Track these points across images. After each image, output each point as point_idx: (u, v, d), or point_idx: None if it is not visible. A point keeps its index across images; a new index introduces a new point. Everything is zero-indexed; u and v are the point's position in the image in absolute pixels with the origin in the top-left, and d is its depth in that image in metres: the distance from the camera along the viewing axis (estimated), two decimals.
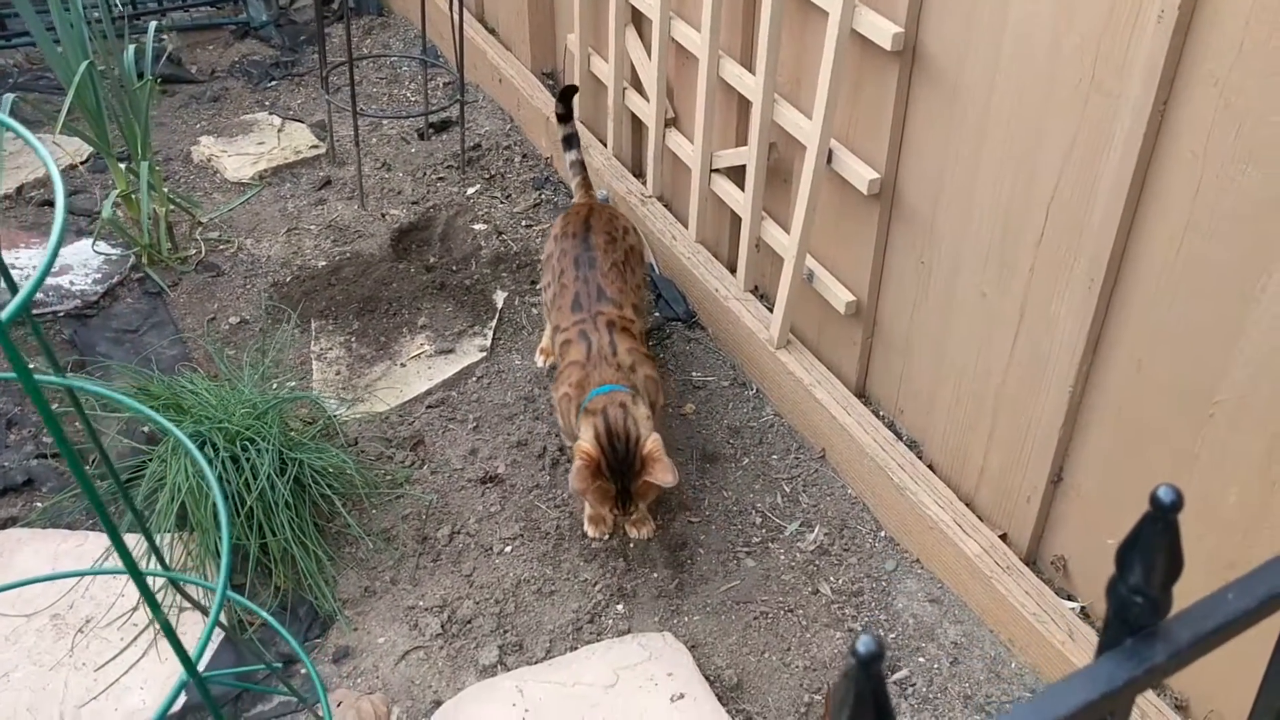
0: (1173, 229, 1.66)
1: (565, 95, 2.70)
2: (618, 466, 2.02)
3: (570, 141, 2.68)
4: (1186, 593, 0.59)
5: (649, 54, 2.77)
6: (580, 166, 2.66)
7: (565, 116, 2.69)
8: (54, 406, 2.46)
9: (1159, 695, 1.88)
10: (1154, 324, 1.74)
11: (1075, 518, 2.03)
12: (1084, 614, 2.04)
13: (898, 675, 2.03)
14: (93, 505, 0.75)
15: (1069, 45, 1.69)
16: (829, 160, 2.22)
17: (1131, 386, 1.81)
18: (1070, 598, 2.07)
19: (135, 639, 2.04)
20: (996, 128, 1.88)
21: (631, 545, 2.26)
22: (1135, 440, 1.84)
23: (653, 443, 2.03)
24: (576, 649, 2.07)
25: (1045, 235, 1.85)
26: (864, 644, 0.47)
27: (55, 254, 0.69)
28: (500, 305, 2.83)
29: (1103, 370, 1.86)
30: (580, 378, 2.15)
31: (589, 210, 2.47)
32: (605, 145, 3.10)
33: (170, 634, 0.87)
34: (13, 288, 0.89)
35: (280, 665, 2.04)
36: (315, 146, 3.39)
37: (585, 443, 2.04)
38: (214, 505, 2.09)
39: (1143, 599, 0.55)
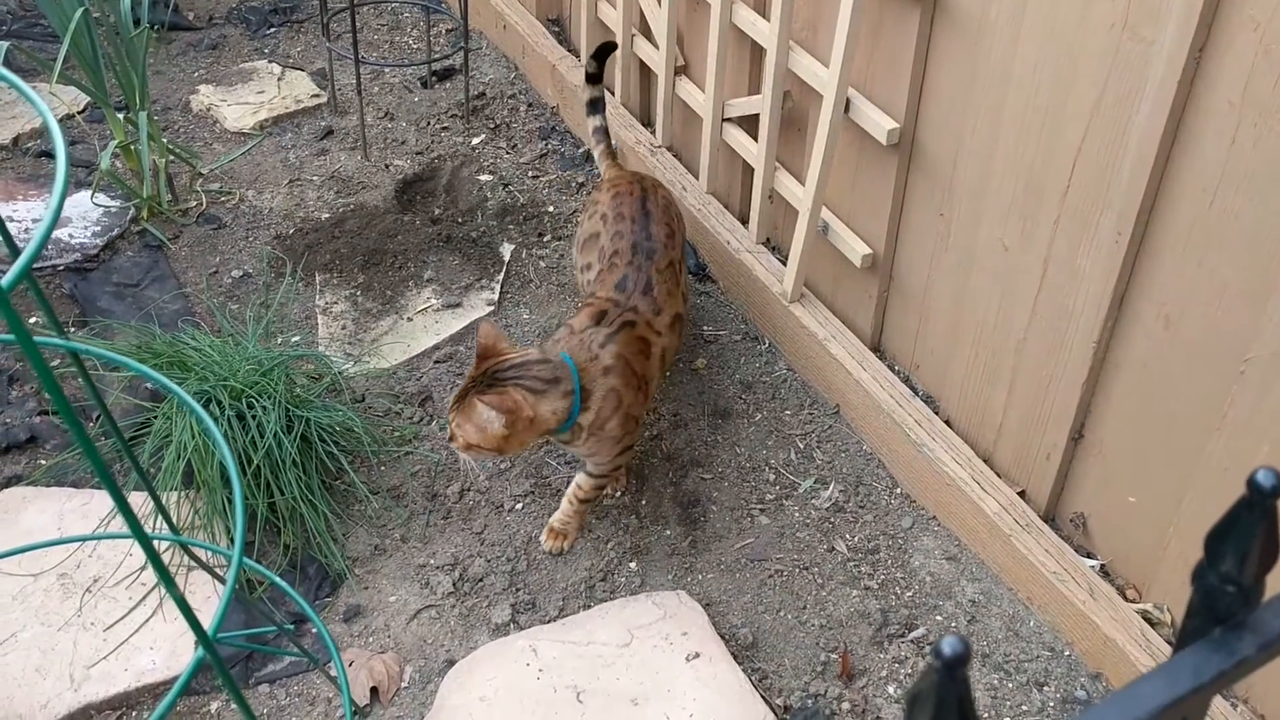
0: (1205, 182, 1.61)
1: (601, 53, 2.52)
2: (481, 374, 1.87)
3: (595, 105, 2.53)
4: None
5: (658, 0, 2.69)
6: (604, 134, 2.53)
7: (596, 77, 2.51)
8: (55, 363, 2.43)
9: None
10: (1184, 279, 1.69)
11: (1096, 475, 1.99)
12: (1104, 572, 2.02)
13: (914, 633, 2.01)
14: (97, 472, 0.72)
15: None
16: (846, 109, 2.16)
17: (1158, 342, 1.77)
18: (1090, 555, 2.05)
19: (144, 599, 2.02)
20: (1022, 74, 1.82)
21: (644, 502, 2.23)
22: (1161, 397, 1.80)
23: (503, 401, 1.81)
24: (590, 608, 2.05)
25: (1071, 187, 1.80)
26: (949, 645, 0.43)
27: (55, 220, 0.64)
28: (507, 258, 2.78)
29: (1128, 326, 1.82)
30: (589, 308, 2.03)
31: (643, 191, 2.28)
32: (613, 94, 3.04)
33: (184, 608, 0.83)
34: (13, 249, 0.84)
35: (291, 626, 2.02)
36: (316, 95, 3.32)
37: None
38: (220, 464, 2.06)
39: (1234, 588, 0.51)
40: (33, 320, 2.58)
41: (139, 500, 2.12)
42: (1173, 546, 1.88)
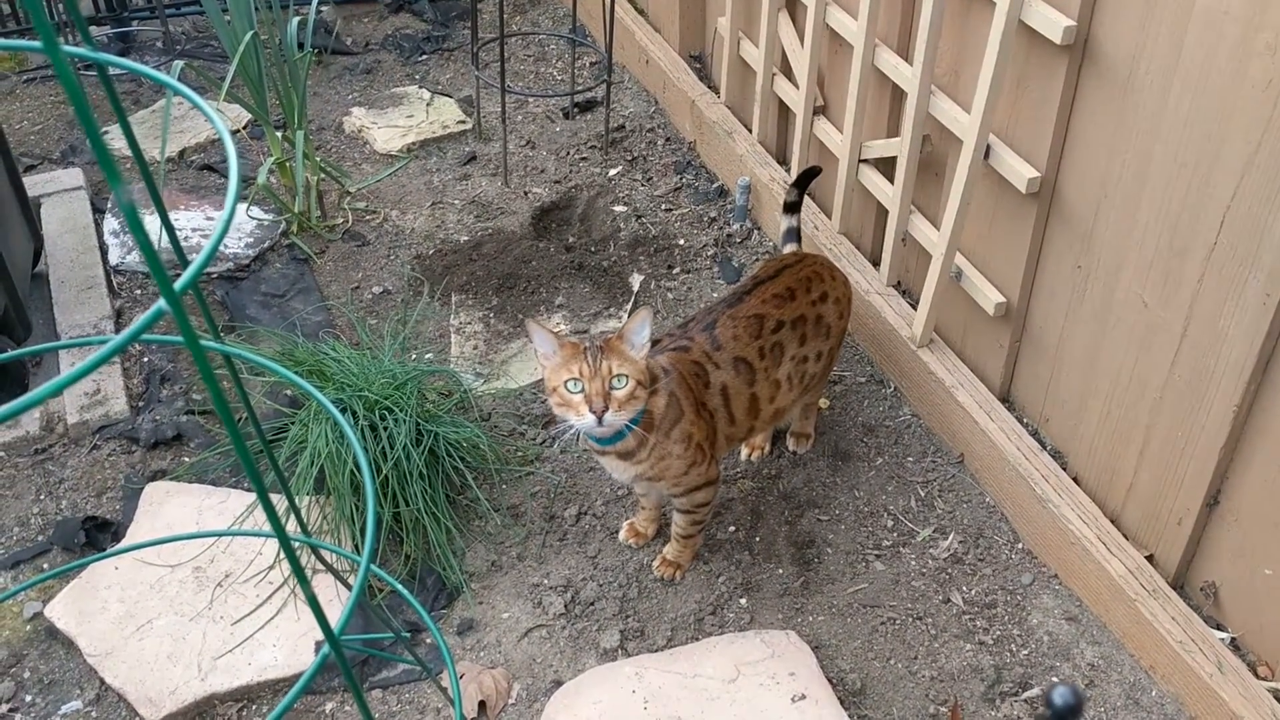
0: None
1: (804, 179, 2.44)
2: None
3: (790, 235, 2.42)
4: None
5: (801, 40, 2.71)
6: (795, 235, 2.43)
7: (795, 206, 2.43)
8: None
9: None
10: None
11: (1230, 544, 1.92)
12: (1234, 646, 1.94)
13: (1028, 693, 1.96)
14: (248, 473, 0.76)
15: (1260, 43, 1.59)
16: (986, 156, 2.14)
17: None
18: (1220, 627, 1.97)
19: (270, 597, 2.10)
20: (1171, 129, 1.78)
21: (758, 539, 2.23)
22: None
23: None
24: (698, 640, 2.05)
25: (1219, 244, 1.75)
26: (1061, 695, 0.43)
27: (224, 231, 0.69)
28: (636, 288, 2.82)
29: (1273, 390, 1.75)
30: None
31: (798, 260, 2.21)
32: (750, 131, 3.06)
33: (315, 607, 0.87)
34: (182, 258, 0.90)
35: (408, 634, 2.08)
36: (462, 122, 3.43)
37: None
38: (352, 472, 2.13)
39: None
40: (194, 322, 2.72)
41: (273, 501, 2.20)
42: None
